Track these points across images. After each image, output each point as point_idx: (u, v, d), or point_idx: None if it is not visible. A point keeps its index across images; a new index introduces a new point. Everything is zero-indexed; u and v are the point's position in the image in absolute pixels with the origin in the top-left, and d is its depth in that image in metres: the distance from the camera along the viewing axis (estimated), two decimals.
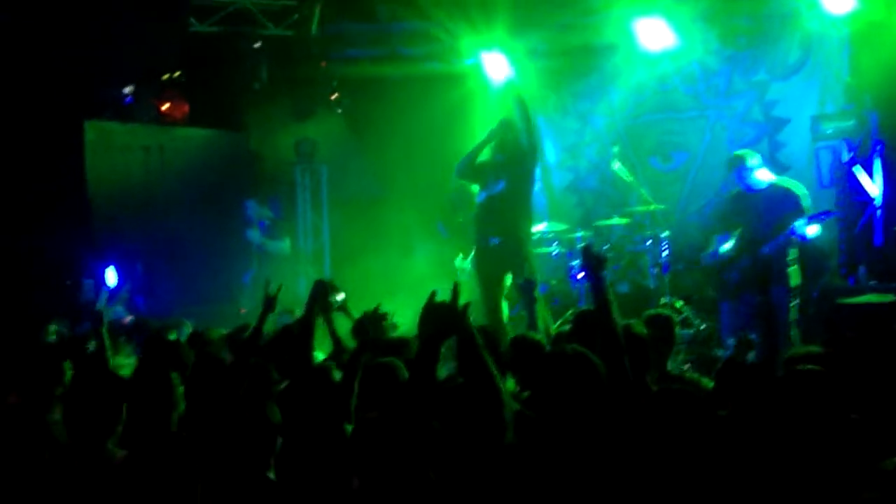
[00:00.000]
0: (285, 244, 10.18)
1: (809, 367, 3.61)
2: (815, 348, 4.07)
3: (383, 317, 5.23)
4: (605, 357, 3.56)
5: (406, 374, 4.09)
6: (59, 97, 9.93)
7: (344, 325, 5.70)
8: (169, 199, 10.48)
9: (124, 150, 10.50)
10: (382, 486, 3.17)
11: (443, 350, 3.44)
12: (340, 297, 5.76)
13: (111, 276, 9.53)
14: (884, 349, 4.46)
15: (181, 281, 9.91)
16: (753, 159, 7.40)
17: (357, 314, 5.62)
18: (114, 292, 9.27)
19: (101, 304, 9.04)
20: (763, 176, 7.36)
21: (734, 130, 10.38)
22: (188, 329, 6.97)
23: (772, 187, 7.31)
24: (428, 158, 11.37)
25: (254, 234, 9.74)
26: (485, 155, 8.06)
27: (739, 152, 7.66)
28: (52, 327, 6.94)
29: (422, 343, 3.32)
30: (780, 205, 7.11)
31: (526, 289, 5.96)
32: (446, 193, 10.05)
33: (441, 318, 3.23)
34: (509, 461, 3.22)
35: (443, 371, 4.94)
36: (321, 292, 5.37)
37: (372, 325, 4.94)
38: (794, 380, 3.50)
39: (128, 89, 10.88)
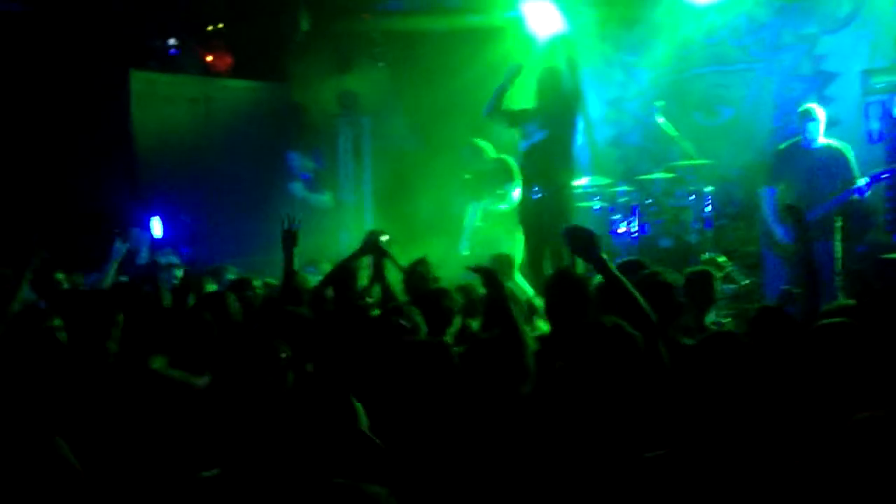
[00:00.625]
0: (328, 197, 10.23)
1: (837, 320, 3.60)
2: (850, 302, 4.05)
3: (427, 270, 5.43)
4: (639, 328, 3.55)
5: None
6: (105, 46, 10.01)
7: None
8: (213, 150, 10.58)
9: (170, 101, 10.60)
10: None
11: None
12: (385, 238, 5.88)
13: (157, 227, 9.65)
14: None
15: (226, 232, 10.04)
16: (821, 112, 7.40)
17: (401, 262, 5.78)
18: (160, 242, 9.39)
19: (146, 252, 9.21)
20: (821, 135, 7.40)
21: (782, 85, 10.20)
22: (231, 275, 7.09)
23: (825, 148, 7.32)
24: (468, 112, 11.34)
25: (297, 187, 9.79)
26: (528, 102, 8.01)
27: (810, 105, 7.80)
28: (60, 275, 6.93)
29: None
30: (834, 166, 7.13)
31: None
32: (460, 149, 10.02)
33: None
34: (527, 412, 3.29)
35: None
36: (373, 240, 5.58)
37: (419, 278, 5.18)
38: (820, 333, 3.50)
39: (173, 40, 10.93)
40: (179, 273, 7.18)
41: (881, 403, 3.10)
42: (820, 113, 7.53)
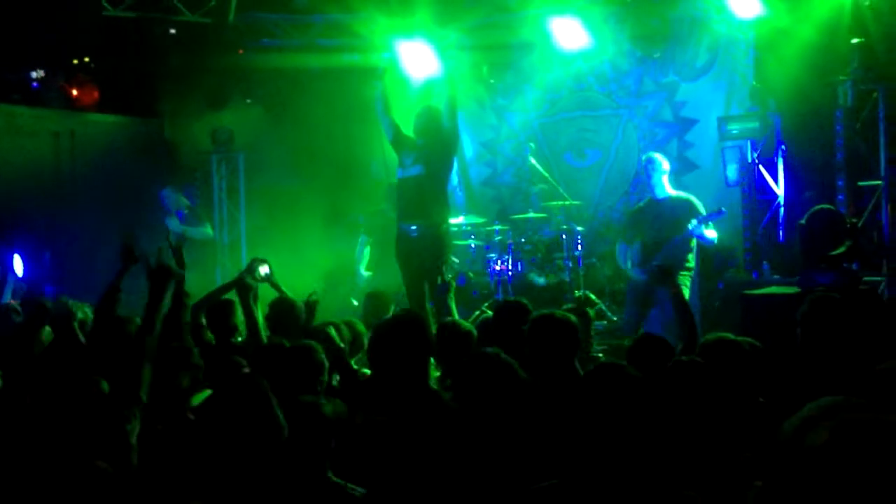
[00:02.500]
0: (207, 228, 10.01)
1: (692, 358, 3.82)
2: (727, 335, 4.27)
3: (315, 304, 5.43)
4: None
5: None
6: None
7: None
8: (79, 186, 10.22)
9: (32, 135, 10.20)
10: None
11: None
12: (265, 269, 5.79)
13: (18, 265, 9.21)
14: (787, 336, 4.70)
15: (91, 270, 9.67)
16: (665, 163, 7.61)
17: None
18: (20, 281, 8.97)
19: (7, 292, 8.77)
20: (667, 186, 7.59)
21: (645, 129, 10.70)
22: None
23: (674, 198, 7.53)
24: (344, 150, 11.41)
25: (172, 223, 9.54)
26: (408, 132, 8.08)
27: (652, 154, 7.83)
28: None
29: None
30: (681, 216, 7.34)
31: (442, 289, 6.00)
32: (379, 184, 10.09)
33: None
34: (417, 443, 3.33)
35: None
36: (245, 275, 5.51)
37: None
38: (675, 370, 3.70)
39: (36, 73, 10.55)
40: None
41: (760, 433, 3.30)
42: (664, 163, 7.57)
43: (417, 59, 10.79)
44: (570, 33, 10.01)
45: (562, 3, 9.89)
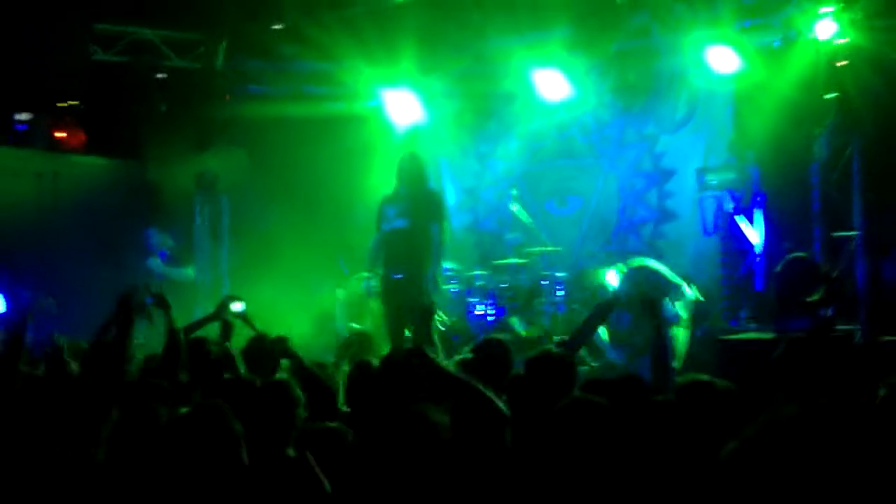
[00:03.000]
0: (189, 271, 10.04)
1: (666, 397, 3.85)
2: (702, 375, 4.32)
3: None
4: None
5: None
6: None
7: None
8: (62, 227, 10.24)
9: (15, 176, 10.24)
10: None
11: None
12: (238, 306, 5.84)
13: None
14: (761, 380, 4.75)
15: (72, 311, 9.64)
16: (608, 278, 7.51)
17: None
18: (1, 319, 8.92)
19: None
20: (612, 277, 7.54)
21: (626, 179, 10.84)
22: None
23: (628, 273, 7.52)
24: (328, 196, 11.49)
25: (154, 263, 9.57)
26: (388, 188, 8.17)
27: (593, 281, 7.94)
28: None
29: None
30: (647, 283, 7.35)
31: (422, 315, 5.97)
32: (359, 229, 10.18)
33: None
34: None
35: None
36: (223, 307, 5.55)
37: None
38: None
39: (24, 116, 10.63)
40: None
41: None
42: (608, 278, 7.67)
43: (402, 106, 10.97)
44: (552, 84, 10.19)
45: (544, 55, 10.07)
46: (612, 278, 7.34)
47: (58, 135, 11.10)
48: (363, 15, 10.00)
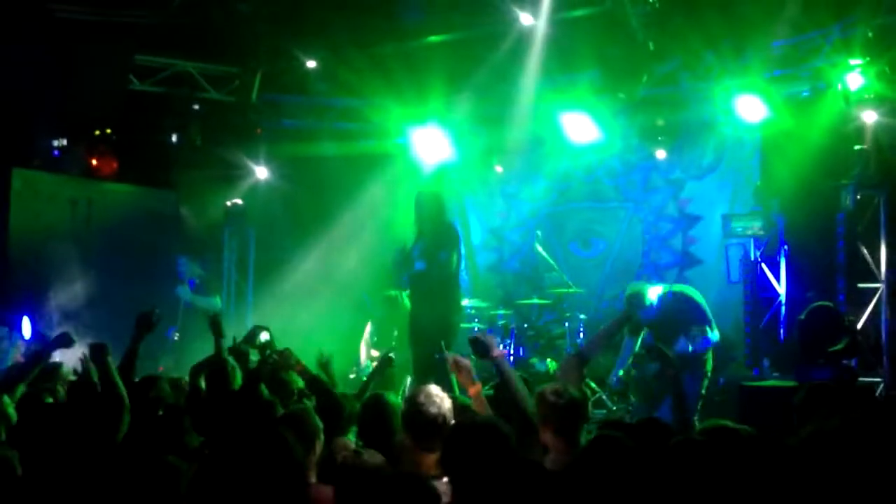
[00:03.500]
0: (216, 300, 10.16)
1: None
2: (725, 421, 4.32)
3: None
4: (517, 426, 3.75)
5: None
6: None
7: None
8: (93, 252, 10.38)
9: (51, 201, 10.41)
10: None
11: None
12: (265, 336, 5.95)
13: (26, 328, 9.32)
14: (783, 427, 4.75)
15: (100, 335, 9.75)
16: (650, 292, 7.15)
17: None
18: (27, 342, 9.07)
19: (13, 352, 8.87)
20: (654, 293, 7.37)
21: (650, 223, 10.89)
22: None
23: (667, 296, 7.27)
24: (354, 231, 11.60)
25: (183, 291, 9.69)
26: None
27: (635, 288, 7.30)
28: None
29: None
30: (680, 312, 7.21)
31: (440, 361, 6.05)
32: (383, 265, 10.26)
33: None
34: None
35: None
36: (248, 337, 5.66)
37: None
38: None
39: (60, 142, 10.83)
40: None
41: None
42: (649, 293, 7.06)
43: (429, 144, 11.11)
44: (580, 127, 10.28)
45: (572, 99, 10.18)
46: (653, 294, 7.22)
47: (92, 162, 11.28)
48: (393, 54, 10.15)
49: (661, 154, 10.45)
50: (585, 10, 9.03)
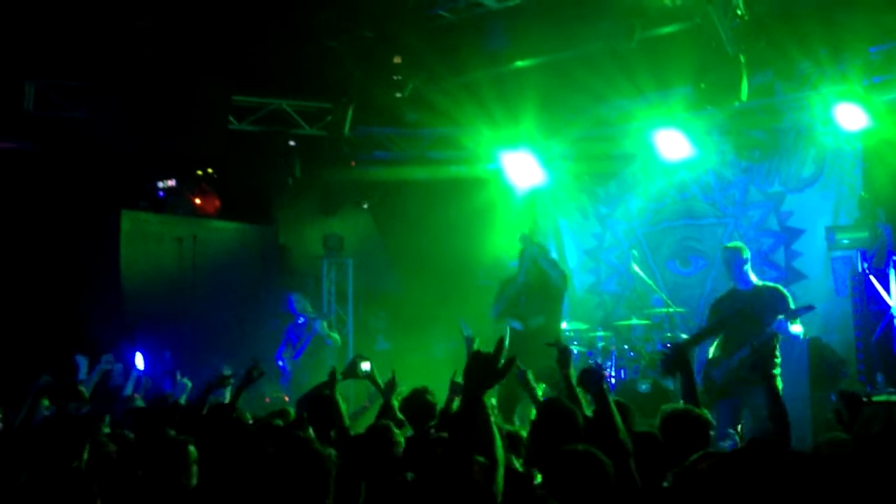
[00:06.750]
0: (336, 336, 10.50)
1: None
2: (841, 434, 4.21)
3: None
4: (613, 459, 3.74)
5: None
6: (99, 187, 10.34)
7: None
8: (199, 287, 10.76)
9: (158, 240, 10.84)
10: None
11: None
12: (366, 366, 6.06)
13: (139, 361, 9.70)
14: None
15: (208, 368, 10.08)
16: (746, 253, 7.35)
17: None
18: (142, 375, 9.42)
19: (129, 385, 9.22)
20: (751, 275, 7.38)
21: (751, 239, 10.62)
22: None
23: (759, 288, 7.27)
24: (450, 257, 11.71)
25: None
26: (514, 282, 8.21)
27: (734, 244, 7.64)
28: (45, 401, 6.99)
29: (467, 392, 3.44)
30: (767, 306, 7.12)
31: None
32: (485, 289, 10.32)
33: (484, 369, 3.36)
34: None
35: None
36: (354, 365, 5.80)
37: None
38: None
39: (165, 183, 11.27)
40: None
41: None
42: (745, 252, 7.30)
43: (522, 169, 11.13)
44: (673, 145, 10.14)
45: (664, 116, 10.07)
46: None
47: (196, 201, 11.69)
48: (483, 80, 10.22)
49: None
50: (675, 26, 8.94)
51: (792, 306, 7.06)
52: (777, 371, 7.08)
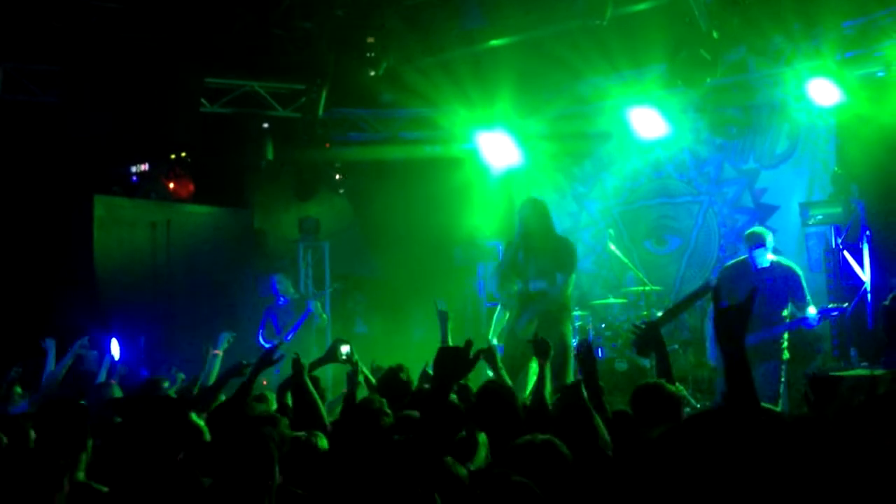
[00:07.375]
0: (325, 315, 10.44)
1: None
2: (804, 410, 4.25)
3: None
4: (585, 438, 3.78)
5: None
6: (71, 172, 10.21)
7: None
8: (174, 272, 10.67)
9: (132, 225, 10.73)
10: None
11: None
12: (346, 349, 6.01)
13: (115, 348, 9.61)
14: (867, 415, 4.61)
15: (184, 353, 10.03)
16: (770, 238, 7.31)
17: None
18: (116, 363, 9.34)
19: (103, 373, 9.14)
20: (770, 255, 7.38)
21: (725, 216, 10.69)
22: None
23: (774, 266, 7.26)
24: (426, 238, 11.69)
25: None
26: (489, 229, 8.10)
27: (758, 229, 7.52)
28: (18, 389, 6.92)
29: (436, 382, 3.45)
30: (784, 286, 7.15)
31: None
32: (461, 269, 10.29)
33: (454, 360, 3.37)
34: None
35: None
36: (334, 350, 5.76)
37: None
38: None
39: (138, 167, 11.16)
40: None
41: None
42: (769, 237, 7.25)
43: (498, 149, 11.11)
44: (648, 123, 10.16)
45: (639, 94, 10.07)
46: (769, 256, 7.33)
47: (169, 185, 11.59)
48: (459, 59, 10.16)
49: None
50: (649, 2, 8.91)
51: (805, 286, 7.10)
52: (786, 356, 7.22)
